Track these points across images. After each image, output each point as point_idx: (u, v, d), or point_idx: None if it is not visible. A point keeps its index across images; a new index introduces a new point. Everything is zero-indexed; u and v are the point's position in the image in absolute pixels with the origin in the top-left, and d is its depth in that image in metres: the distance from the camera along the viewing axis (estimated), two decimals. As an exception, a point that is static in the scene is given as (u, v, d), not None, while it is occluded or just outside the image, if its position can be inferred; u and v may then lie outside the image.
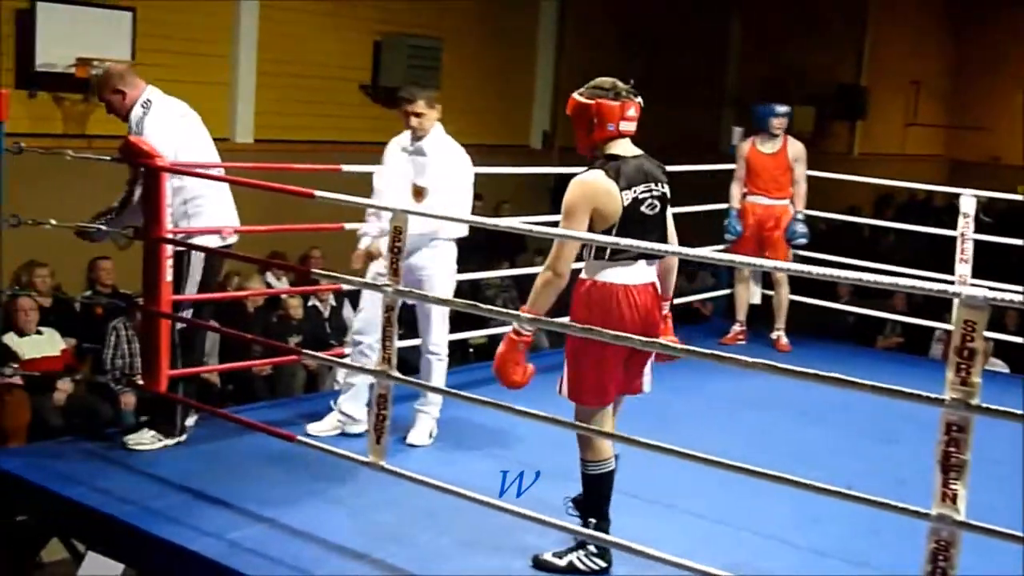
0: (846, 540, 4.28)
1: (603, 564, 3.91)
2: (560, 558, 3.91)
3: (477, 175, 5.37)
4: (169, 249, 4.76)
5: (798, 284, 7.65)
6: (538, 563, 3.94)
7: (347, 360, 5.33)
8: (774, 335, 7.65)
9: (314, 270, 5.74)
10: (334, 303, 9.16)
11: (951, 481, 2.87)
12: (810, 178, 7.62)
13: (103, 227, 4.92)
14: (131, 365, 7.52)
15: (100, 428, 6.18)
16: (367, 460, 3.98)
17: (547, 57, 13.21)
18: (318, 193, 4.21)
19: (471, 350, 9.29)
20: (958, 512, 2.87)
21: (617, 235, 3.72)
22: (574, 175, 3.88)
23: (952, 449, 2.86)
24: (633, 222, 3.79)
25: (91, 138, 8.80)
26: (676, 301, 9.27)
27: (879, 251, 11.72)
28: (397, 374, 4.02)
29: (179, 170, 4.85)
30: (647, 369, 4.02)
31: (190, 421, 5.15)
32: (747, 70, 15.92)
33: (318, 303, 9.10)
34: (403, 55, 10.94)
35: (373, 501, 4.38)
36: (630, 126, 3.89)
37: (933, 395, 2.90)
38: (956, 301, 2.88)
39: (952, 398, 2.85)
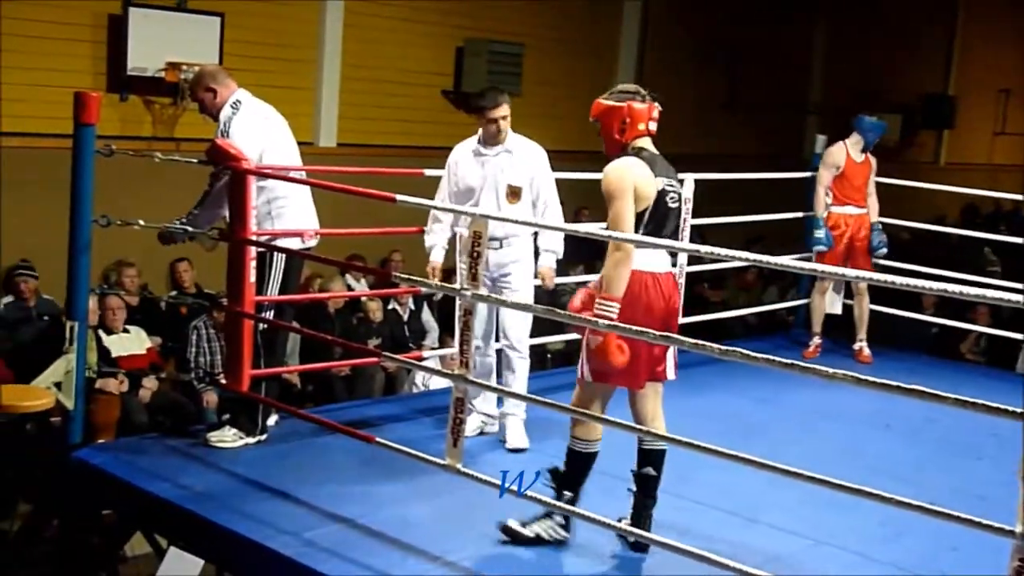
0: (928, 556, 4.21)
1: (566, 535, 4.05)
2: (526, 527, 4.04)
3: (557, 181, 5.40)
4: (253, 250, 4.82)
5: (882, 294, 7.53)
6: (505, 530, 4.06)
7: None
8: (856, 346, 7.54)
9: (394, 273, 5.78)
10: (413, 306, 9.23)
11: (1036, 498, 2.81)
12: (896, 187, 7.51)
13: (187, 227, 5.01)
14: (212, 364, 7.65)
15: (184, 425, 6.30)
16: (444, 463, 4.00)
17: (628, 63, 13.17)
18: (400, 197, 4.24)
19: (549, 356, 9.30)
20: (1043, 530, 2.81)
21: (648, 220, 3.93)
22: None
23: (1038, 465, 2.80)
24: (660, 211, 3.97)
25: (179, 141, 8.97)
26: (764, 309, 9.23)
27: (967, 262, 11.47)
28: (474, 378, 4.04)
29: (264, 173, 4.93)
30: (670, 355, 4.08)
31: (271, 420, 5.22)
32: (832, 78, 15.73)
33: (397, 306, 9.18)
34: (484, 60, 10.97)
35: (452, 503, 4.39)
36: (654, 126, 4.10)
37: (1018, 409, 2.84)
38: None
39: (1039, 413, 2.79)
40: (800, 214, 7.86)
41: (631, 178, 3.92)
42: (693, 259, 6.96)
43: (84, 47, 8.76)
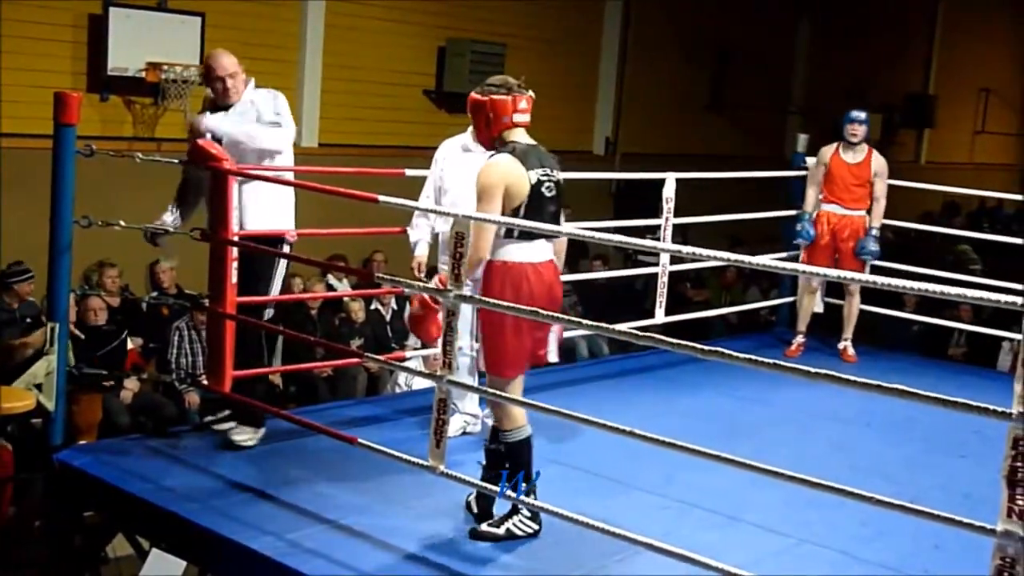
0: (911, 554, 4.21)
1: (536, 527, 4.13)
2: (497, 527, 4.10)
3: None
4: (234, 251, 4.80)
5: (866, 293, 7.54)
6: (477, 535, 4.10)
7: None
8: (841, 345, 7.54)
9: (376, 273, 5.76)
10: (395, 307, 9.21)
11: (1018, 497, 2.81)
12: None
13: (168, 228, 4.99)
14: (194, 365, 7.63)
15: (165, 426, 6.27)
16: (426, 464, 4.00)
17: (610, 63, 13.17)
18: (382, 198, 4.23)
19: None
20: (1024, 528, 2.82)
21: (524, 213, 4.07)
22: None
23: (1019, 464, 2.80)
24: (536, 202, 4.10)
25: (160, 141, 8.94)
26: (746, 308, 9.22)
27: (948, 261, 11.53)
28: (456, 379, 4.03)
29: (244, 173, 4.91)
30: (551, 339, 4.20)
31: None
32: (814, 79, 15.78)
33: (380, 306, 9.16)
34: (466, 60, 10.98)
35: (435, 504, 4.38)
36: (524, 117, 4.22)
37: (1000, 408, 2.85)
38: (1025, 313, 2.83)
39: (1020, 412, 2.79)
40: (781, 213, 7.87)
41: (502, 177, 4.05)
42: (674, 259, 6.96)
43: (64, 47, 8.73)
